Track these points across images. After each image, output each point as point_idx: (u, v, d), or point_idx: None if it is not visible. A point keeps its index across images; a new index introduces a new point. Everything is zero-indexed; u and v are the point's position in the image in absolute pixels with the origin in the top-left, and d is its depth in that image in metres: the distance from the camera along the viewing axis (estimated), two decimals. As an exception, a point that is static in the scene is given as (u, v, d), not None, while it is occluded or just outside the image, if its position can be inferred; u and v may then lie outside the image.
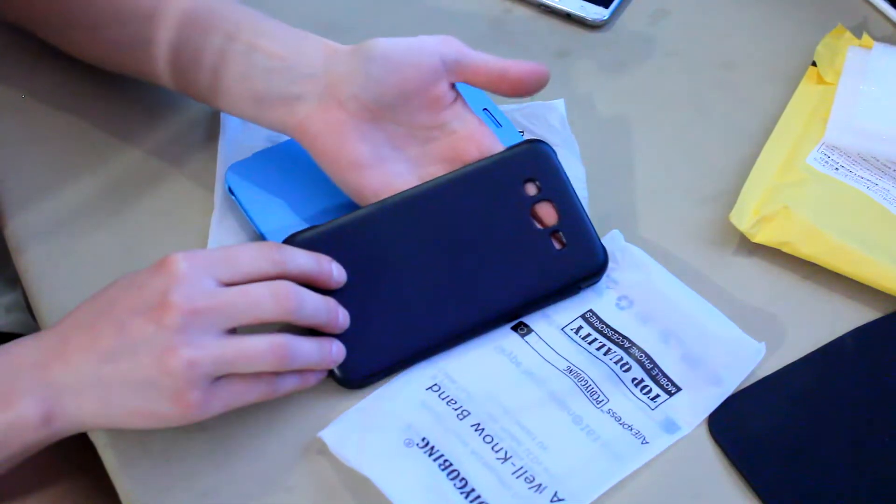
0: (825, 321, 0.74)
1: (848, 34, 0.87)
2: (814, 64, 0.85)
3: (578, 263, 0.73)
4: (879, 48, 0.85)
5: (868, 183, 0.80)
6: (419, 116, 0.74)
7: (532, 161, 0.74)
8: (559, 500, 0.66)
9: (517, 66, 0.74)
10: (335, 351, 0.69)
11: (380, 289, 0.71)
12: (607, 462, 0.68)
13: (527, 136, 0.81)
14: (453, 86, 0.75)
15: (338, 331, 0.69)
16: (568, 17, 0.90)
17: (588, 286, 0.74)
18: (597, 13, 0.90)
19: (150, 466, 0.68)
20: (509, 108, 0.83)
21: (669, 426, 0.69)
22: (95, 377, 0.63)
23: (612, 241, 0.76)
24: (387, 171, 0.74)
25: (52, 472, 0.77)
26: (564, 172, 0.75)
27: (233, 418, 0.69)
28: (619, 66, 0.88)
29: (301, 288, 0.67)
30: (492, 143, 0.75)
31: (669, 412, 0.70)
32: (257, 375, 0.65)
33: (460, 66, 0.74)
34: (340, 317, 0.69)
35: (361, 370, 0.70)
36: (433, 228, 0.73)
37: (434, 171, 0.75)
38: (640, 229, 0.78)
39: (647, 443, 0.69)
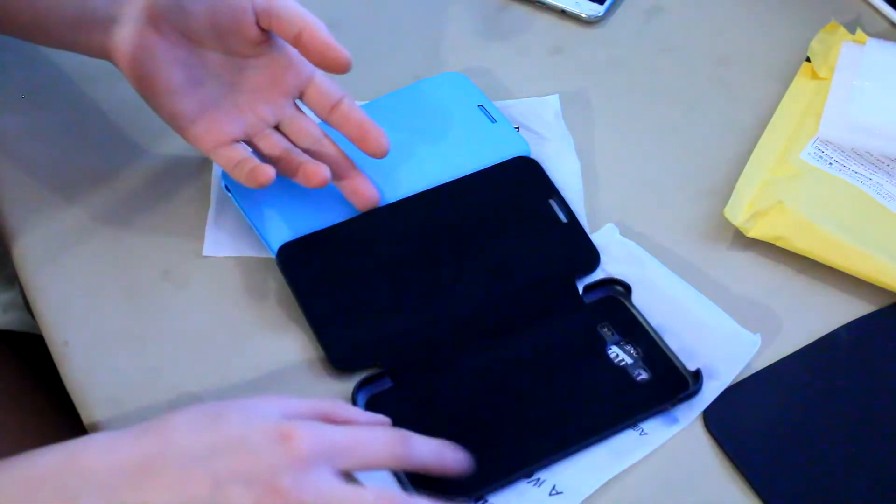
0: (820, 315, 0.75)
1: (842, 30, 0.87)
2: (808, 59, 0.86)
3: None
4: (873, 43, 0.85)
5: (862, 178, 0.80)
6: (233, 46, 0.74)
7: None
8: (557, 493, 0.67)
9: (321, 34, 0.73)
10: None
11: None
12: (605, 455, 0.68)
13: (522, 132, 0.82)
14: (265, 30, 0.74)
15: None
16: (563, 14, 0.90)
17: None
18: (592, 9, 0.90)
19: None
20: (504, 104, 0.83)
21: (667, 419, 0.70)
22: None
23: (607, 235, 0.77)
24: (202, 96, 0.74)
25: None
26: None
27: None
28: (614, 62, 0.88)
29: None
30: (311, 72, 0.75)
31: (666, 405, 0.70)
32: None
33: (268, 14, 0.73)
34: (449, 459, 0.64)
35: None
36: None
37: (250, 98, 0.75)
38: (635, 224, 0.78)
39: (644, 435, 0.69)
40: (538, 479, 0.67)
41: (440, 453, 0.63)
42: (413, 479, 0.65)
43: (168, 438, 0.58)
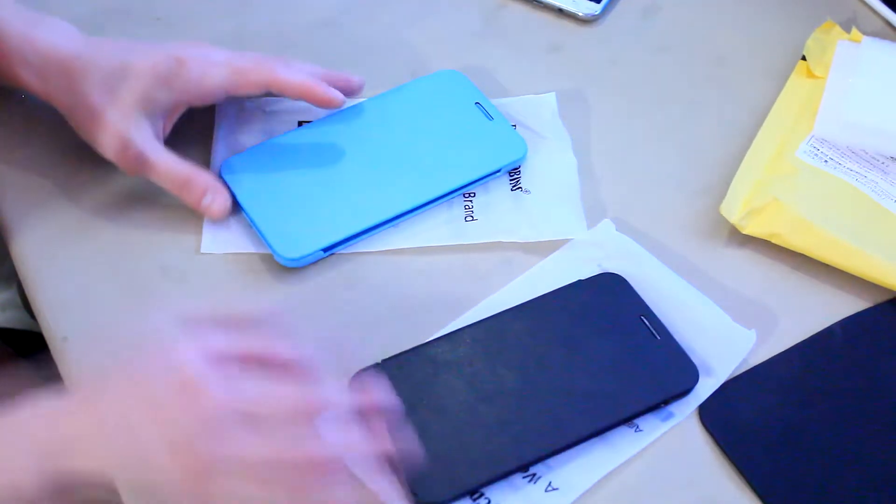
0: (815, 311, 0.75)
1: (837, 28, 0.88)
2: (803, 58, 0.86)
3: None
4: (868, 42, 0.86)
5: (857, 175, 0.80)
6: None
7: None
8: (553, 489, 0.67)
9: (320, 93, 0.77)
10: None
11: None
12: (601, 451, 0.68)
13: (519, 130, 0.82)
14: None
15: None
16: (560, 12, 0.91)
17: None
18: (589, 8, 0.90)
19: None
20: (501, 101, 0.83)
21: (662, 414, 0.70)
22: (105, 480, 0.61)
23: (603, 231, 0.77)
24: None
25: None
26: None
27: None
28: (610, 60, 0.89)
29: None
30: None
31: (661, 401, 0.70)
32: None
33: (268, 87, 0.78)
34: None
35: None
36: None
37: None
38: (631, 221, 0.78)
39: (640, 431, 0.69)
40: (534, 474, 0.67)
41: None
42: (409, 477, 0.65)
43: (98, 416, 0.61)
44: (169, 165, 0.76)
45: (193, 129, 0.81)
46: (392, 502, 0.65)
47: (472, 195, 0.79)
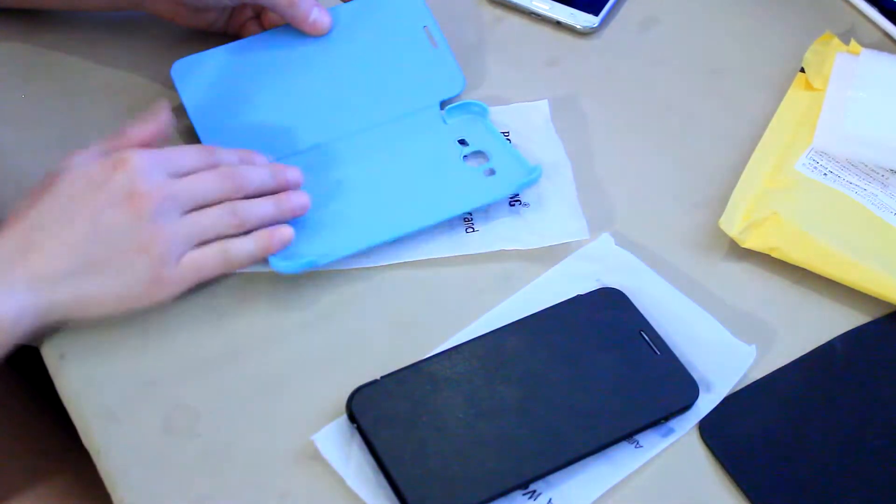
0: (815, 325, 0.75)
1: (836, 40, 0.88)
2: (802, 70, 0.86)
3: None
4: (867, 54, 0.85)
5: (857, 188, 0.80)
6: None
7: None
8: (553, 505, 0.67)
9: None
10: (295, 201, 0.74)
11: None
12: (601, 466, 0.68)
13: (511, 137, 0.82)
14: None
15: (291, 194, 0.74)
16: (558, 25, 0.91)
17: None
18: (586, 21, 0.90)
19: (143, 474, 0.68)
20: (495, 109, 0.83)
21: (663, 430, 0.70)
22: (69, 267, 0.68)
23: (602, 245, 0.77)
24: None
25: (38, 471, 0.77)
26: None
27: (225, 423, 0.70)
28: (608, 73, 0.88)
29: (241, 167, 0.74)
30: None
31: (661, 417, 0.70)
32: (220, 244, 0.72)
33: None
34: (290, 175, 0.75)
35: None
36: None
37: None
38: (630, 234, 0.78)
39: (640, 446, 0.69)
40: (534, 491, 0.67)
41: (241, 161, 0.75)
42: (409, 496, 0.65)
43: (31, 216, 0.70)
44: None
45: (192, 129, 0.81)
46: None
47: (471, 207, 0.79)
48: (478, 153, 0.81)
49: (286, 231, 0.73)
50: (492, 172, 0.79)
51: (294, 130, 0.78)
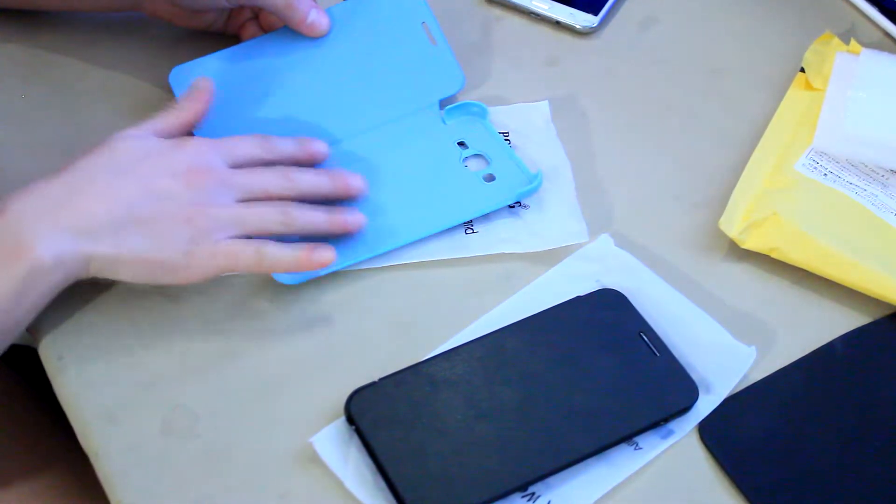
0: (815, 326, 0.75)
1: (836, 40, 0.87)
2: (802, 70, 0.86)
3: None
4: (867, 54, 0.85)
5: (857, 188, 0.80)
6: None
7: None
8: (552, 507, 0.67)
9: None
10: (350, 218, 0.74)
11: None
12: (600, 469, 0.68)
13: (511, 137, 0.82)
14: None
15: (347, 195, 0.76)
16: (557, 25, 0.90)
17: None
18: (586, 21, 0.90)
19: (142, 476, 0.68)
20: (494, 109, 0.83)
21: (662, 431, 0.69)
22: (114, 220, 0.68)
23: (602, 246, 0.77)
24: None
25: (38, 472, 0.78)
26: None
27: (224, 424, 0.69)
28: (608, 73, 0.88)
29: (299, 169, 0.75)
30: None
31: (661, 418, 0.70)
32: (259, 243, 0.71)
33: None
34: (351, 181, 0.76)
35: None
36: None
37: None
38: (630, 235, 0.78)
39: (640, 448, 0.69)
40: (533, 493, 0.67)
41: (301, 150, 0.76)
42: (408, 498, 0.65)
43: (84, 173, 0.70)
44: None
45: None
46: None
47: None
48: (477, 156, 0.81)
49: (327, 254, 0.72)
50: (491, 178, 0.79)
51: (293, 135, 0.78)
